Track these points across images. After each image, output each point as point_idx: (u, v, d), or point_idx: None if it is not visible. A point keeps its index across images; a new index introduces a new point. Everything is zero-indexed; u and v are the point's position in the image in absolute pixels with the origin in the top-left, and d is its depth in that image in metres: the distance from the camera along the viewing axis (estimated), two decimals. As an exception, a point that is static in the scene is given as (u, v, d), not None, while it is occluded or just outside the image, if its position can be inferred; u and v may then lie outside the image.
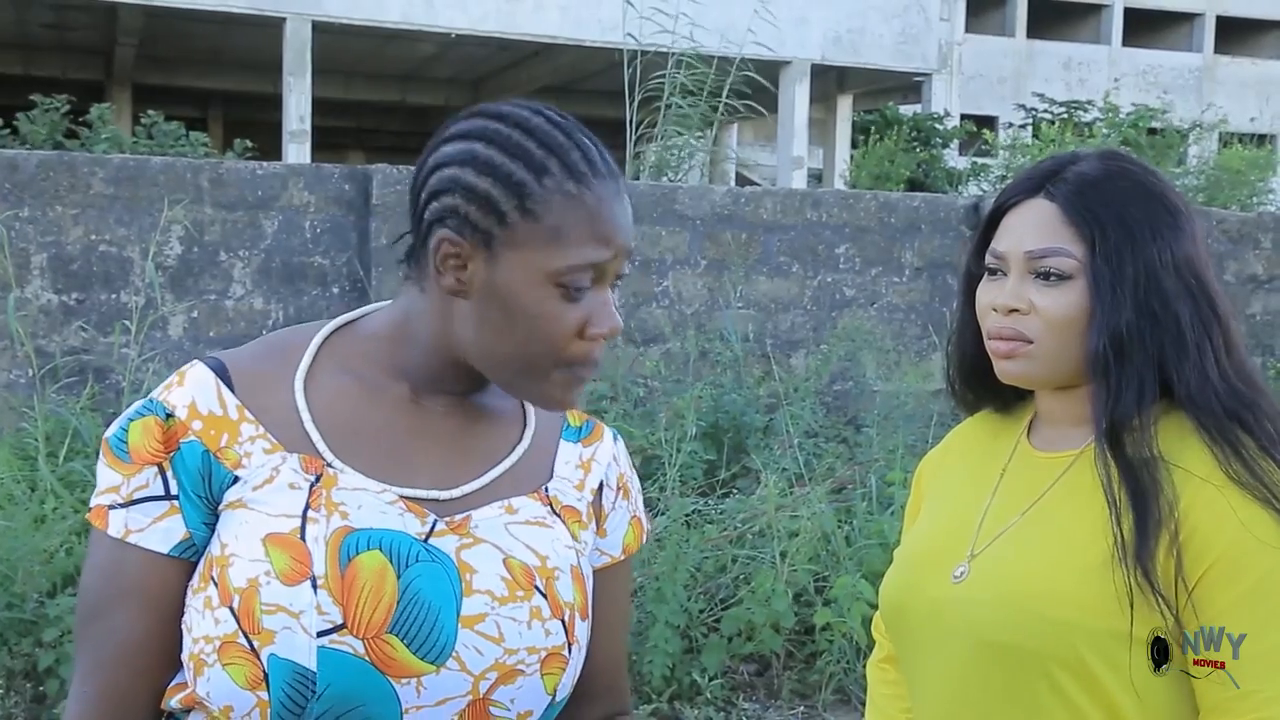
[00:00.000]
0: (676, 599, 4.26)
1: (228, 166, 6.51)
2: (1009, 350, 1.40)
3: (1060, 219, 1.38)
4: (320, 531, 1.11)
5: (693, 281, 7.23)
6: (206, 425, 1.15)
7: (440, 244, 1.15)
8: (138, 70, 18.52)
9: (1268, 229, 8.60)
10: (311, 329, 1.24)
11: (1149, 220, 1.37)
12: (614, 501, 1.33)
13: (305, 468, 1.15)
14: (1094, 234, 1.36)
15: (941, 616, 1.43)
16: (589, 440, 1.33)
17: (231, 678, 1.09)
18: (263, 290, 6.46)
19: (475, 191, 1.14)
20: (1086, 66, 26.26)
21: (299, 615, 1.08)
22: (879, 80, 18.57)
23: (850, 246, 7.60)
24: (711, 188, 7.55)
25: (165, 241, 6.25)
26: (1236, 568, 1.28)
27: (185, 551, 1.14)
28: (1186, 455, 1.34)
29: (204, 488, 1.14)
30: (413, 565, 1.13)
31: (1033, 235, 1.39)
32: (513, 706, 1.15)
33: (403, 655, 1.10)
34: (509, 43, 16.11)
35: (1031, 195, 1.41)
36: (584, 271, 1.14)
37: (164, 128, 10.28)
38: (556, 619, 1.18)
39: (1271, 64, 27.57)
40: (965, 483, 1.54)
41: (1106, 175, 1.40)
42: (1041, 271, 1.38)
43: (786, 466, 5.21)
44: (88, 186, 6.18)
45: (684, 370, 6.63)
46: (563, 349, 1.15)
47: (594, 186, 1.15)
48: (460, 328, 1.18)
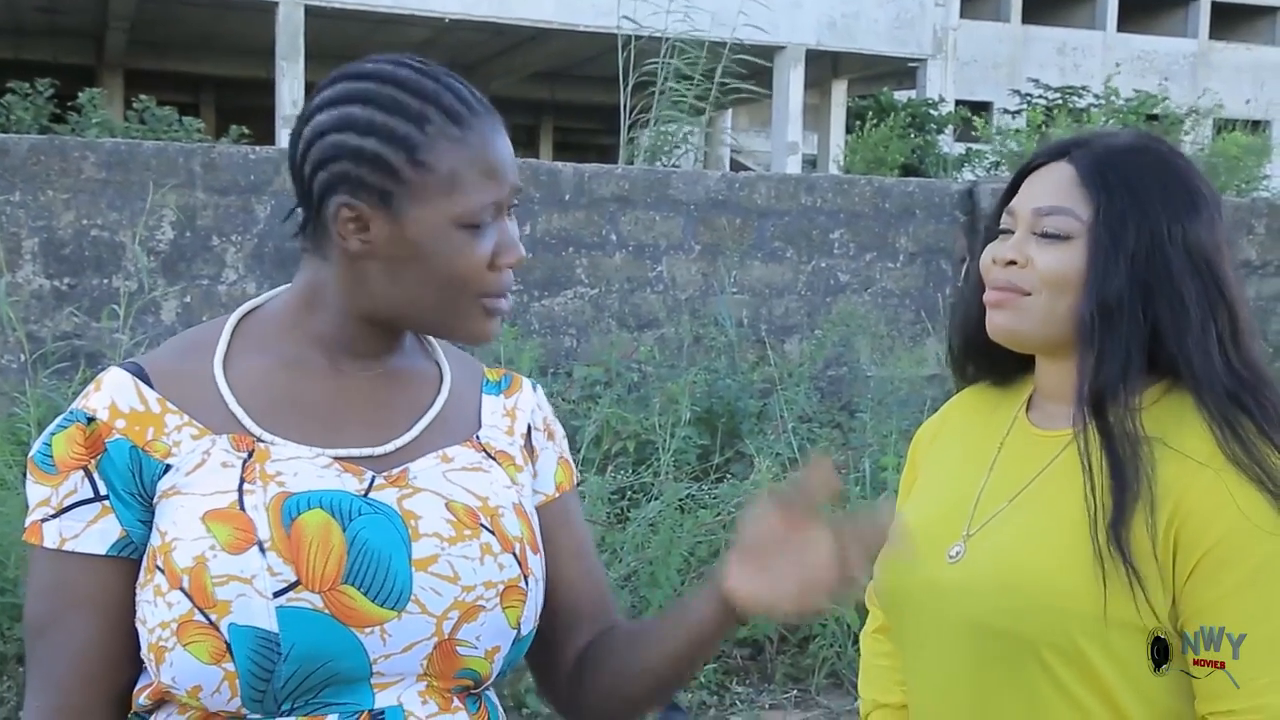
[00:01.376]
0: (670, 583, 4.26)
1: (220, 151, 6.48)
2: (999, 299, 1.40)
3: (1074, 180, 1.39)
4: (259, 500, 1.12)
5: (687, 267, 7.22)
6: (130, 422, 1.15)
7: (339, 210, 1.17)
8: (129, 55, 18.46)
9: (1261, 215, 8.61)
10: (220, 320, 1.26)
11: (1163, 195, 1.37)
12: (543, 443, 1.36)
13: (236, 446, 1.15)
14: (1101, 198, 1.36)
15: (936, 598, 1.42)
16: (509, 391, 1.36)
17: (194, 656, 1.08)
18: (255, 275, 6.44)
19: (363, 153, 1.16)
20: (1081, 52, 26.22)
21: (251, 580, 1.08)
22: (874, 65, 18.56)
23: (845, 232, 7.59)
24: (705, 173, 7.54)
25: (157, 226, 6.23)
26: (1233, 555, 1.26)
27: (124, 550, 1.14)
28: (1184, 436, 1.32)
29: (135, 484, 1.14)
30: (356, 519, 1.14)
31: (1044, 194, 1.40)
32: (479, 644, 1.17)
33: (362, 604, 1.11)
34: (503, 27, 16.09)
35: (1055, 159, 1.42)
36: (484, 210, 1.18)
37: (156, 113, 10.24)
38: (508, 552, 1.19)
39: (1266, 49, 27.55)
40: (962, 458, 1.52)
41: (1132, 148, 1.40)
42: (1044, 231, 1.38)
43: (780, 451, 5.21)
44: (79, 171, 6.15)
45: (678, 355, 6.62)
46: (479, 283, 1.19)
47: (475, 126, 1.18)
48: (374, 287, 1.19)
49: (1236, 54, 27.36)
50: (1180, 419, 1.34)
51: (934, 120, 16.93)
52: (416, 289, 1.18)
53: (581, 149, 22.05)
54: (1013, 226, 1.42)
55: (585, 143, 23.14)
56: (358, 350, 1.24)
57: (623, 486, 4.94)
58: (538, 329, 6.85)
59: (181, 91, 19.36)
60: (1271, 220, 8.58)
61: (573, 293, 7.00)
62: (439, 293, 1.18)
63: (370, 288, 1.20)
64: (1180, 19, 28.02)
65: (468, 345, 1.25)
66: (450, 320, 1.21)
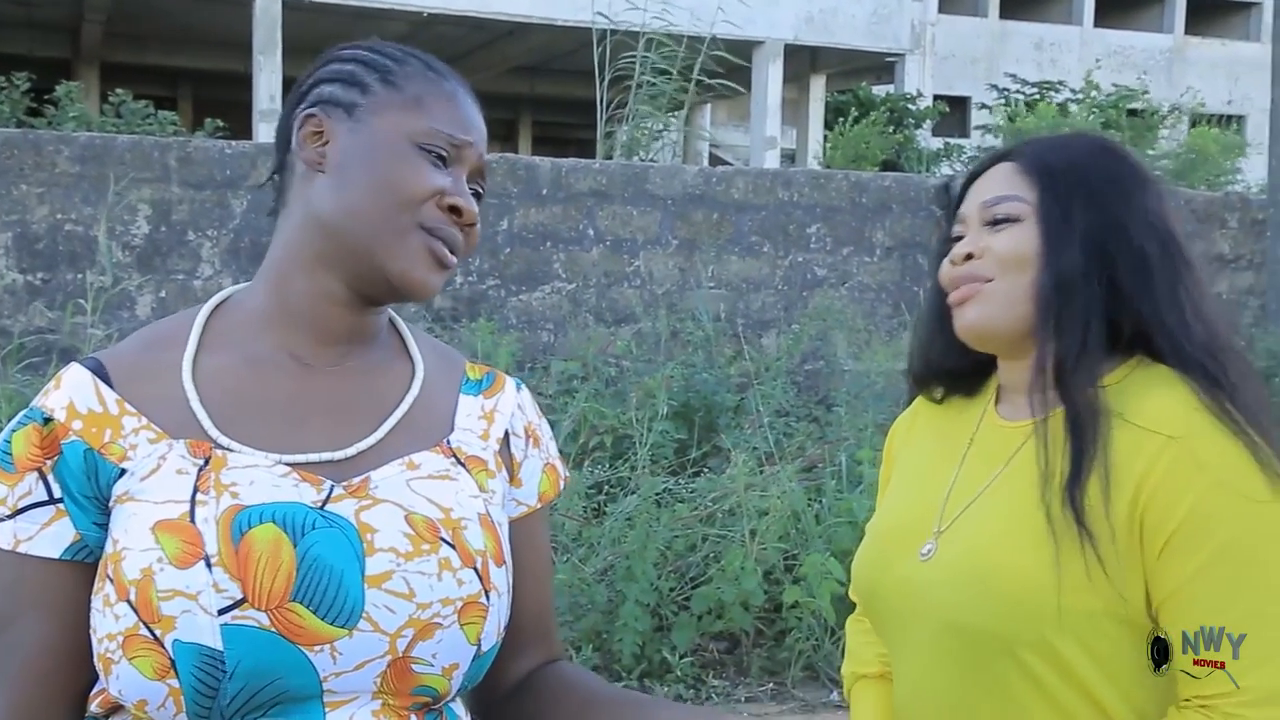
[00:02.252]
0: (647, 577, 4.27)
1: (195, 145, 6.46)
2: (964, 294, 1.40)
3: (1016, 171, 1.41)
4: (210, 513, 1.09)
5: (664, 261, 7.23)
6: (87, 424, 1.13)
7: (304, 122, 1.19)
8: (105, 48, 18.35)
9: (1234, 209, 8.66)
10: (190, 314, 1.23)
11: (1107, 174, 1.38)
12: (525, 450, 1.32)
13: (192, 452, 1.13)
14: (1044, 180, 1.38)
15: (910, 596, 1.41)
16: (490, 392, 1.31)
17: (139, 670, 1.06)
18: (231, 270, 6.42)
19: (338, 75, 1.21)
20: (1058, 47, 26.32)
21: (196, 596, 1.05)
22: (852, 60, 18.59)
23: (821, 226, 7.61)
24: (683, 167, 7.54)
25: (132, 220, 6.21)
26: (1206, 525, 1.24)
27: (79, 554, 1.12)
28: (1147, 410, 1.30)
29: (91, 487, 1.12)
30: (309, 533, 1.10)
31: (988, 187, 1.42)
32: (435, 661, 1.13)
33: (310, 622, 1.07)
34: (482, 22, 16.04)
35: (995, 163, 1.45)
36: (442, 138, 1.18)
37: (132, 107, 10.18)
38: (469, 568, 1.15)
39: (1240, 45, 27.69)
40: (934, 453, 1.52)
41: (1070, 139, 1.44)
42: (994, 219, 1.39)
43: (757, 445, 5.23)
44: (53, 165, 6.12)
45: (655, 350, 6.63)
46: (419, 206, 1.17)
47: (451, 81, 1.23)
48: (323, 204, 1.18)
49: (1212, 49, 27.50)
50: (1145, 393, 1.32)
51: (912, 115, 16.98)
52: (358, 195, 1.16)
53: (560, 143, 22.02)
54: (964, 230, 1.43)
55: (564, 137, 23.10)
56: (326, 331, 1.21)
57: (599, 481, 4.94)
58: (515, 324, 6.84)
59: (158, 85, 19.25)
60: (1243, 214, 8.64)
61: (550, 287, 7.00)
62: (377, 201, 1.16)
63: (319, 207, 1.18)
64: (1156, 14, 28.15)
65: (409, 295, 1.19)
66: (387, 243, 1.16)
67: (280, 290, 1.21)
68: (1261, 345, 7.87)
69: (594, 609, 4.34)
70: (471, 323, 6.21)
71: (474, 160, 1.22)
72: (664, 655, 4.34)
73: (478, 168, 1.23)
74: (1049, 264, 1.35)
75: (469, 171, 1.22)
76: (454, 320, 6.54)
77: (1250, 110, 25.40)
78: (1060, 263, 1.34)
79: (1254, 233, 8.59)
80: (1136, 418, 1.30)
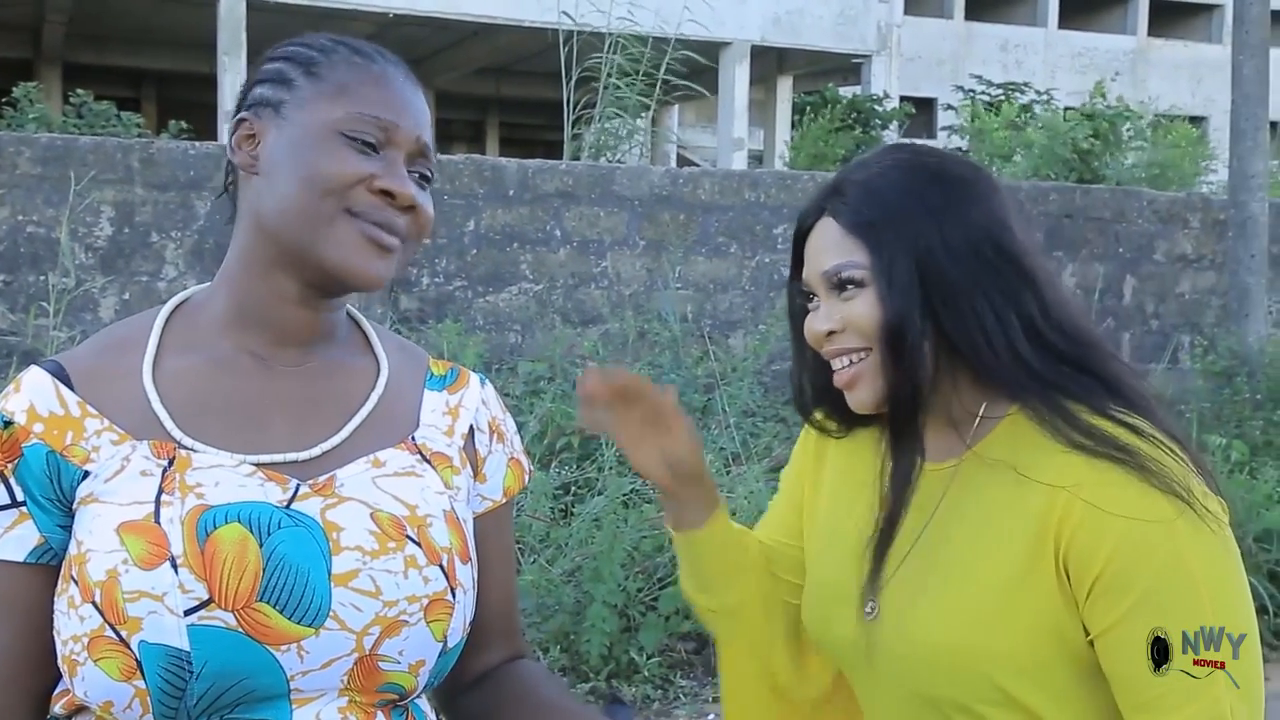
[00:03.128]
0: (614, 578, 4.28)
1: (159, 146, 6.41)
2: (850, 377, 1.39)
3: (841, 233, 1.38)
4: (175, 513, 1.09)
5: (631, 262, 7.23)
6: (48, 426, 1.12)
7: (237, 126, 1.20)
8: (68, 48, 18.18)
9: (1196, 209, 8.75)
10: (149, 315, 1.23)
11: (920, 205, 1.35)
12: (489, 445, 1.32)
13: (156, 453, 1.13)
14: (868, 239, 1.36)
15: (863, 657, 1.41)
16: (454, 387, 1.32)
17: (105, 672, 1.06)
18: (196, 272, 6.38)
19: (268, 75, 1.21)
20: (1023, 48, 26.49)
21: (163, 597, 1.06)
22: (819, 61, 18.66)
23: (788, 227, 7.63)
24: (649, 168, 7.55)
25: (95, 222, 6.16)
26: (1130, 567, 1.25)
27: (43, 557, 1.12)
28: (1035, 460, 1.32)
29: (53, 490, 1.12)
30: (275, 532, 1.10)
31: (824, 256, 1.39)
32: (402, 658, 1.14)
33: (277, 622, 1.08)
34: (448, 22, 16.01)
35: (819, 216, 1.41)
36: (368, 123, 1.16)
37: (95, 108, 10.10)
38: (434, 565, 1.16)
39: (1202, 46, 27.95)
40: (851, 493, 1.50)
41: (880, 173, 1.39)
42: (838, 285, 1.38)
43: (724, 446, 5.24)
44: (14, 166, 6.07)
45: (622, 351, 6.63)
46: (344, 193, 1.15)
47: (381, 63, 1.21)
48: (259, 207, 1.18)
49: (1175, 51, 27.75)
50: (1031, 440, 1.33)
51: (879, 116, 17.05)
52: (287, 191, 1.15)
53: (528, 144, 21.98)
54: (815, 294, 1.42)
55: (531, 138, 23.06)
56: (285, 331, 1.21)
57: (567, 482, 4.95)
58: (482, 324, 6.83)
59: (122, 86, 19.10)
60: (1205, 215, 8.72)
61: (517, 288, 6.99)
62: (303, 195, 1.14)
63: (258, 209, 1.18)
64: (1120, 16, 28.38)
65: (355, 284, 1.18)
66: (319, 235, 1.15)
67: (236, 293, 1.22)
68: (1223, 345, 7.96)
69: (561, 610, 4.34)
70: (438, 324, 6.20)
71: (410, 142, 1.19)
72: (632, 656, 4.35)
73: (416, 149, 1.20)
74: (884, 313, 1.34)
75: (406, 154, 1.19)
76: (420, 321, 6.52)
77: (1212, 112, 25.64)
78: (888, 318, 1.34)
79: (1215, 233, 8.67)
80: (1028, 469, 1.32)
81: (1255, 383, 7.48)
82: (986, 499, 1.35)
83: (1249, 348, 7.95)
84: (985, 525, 1.34)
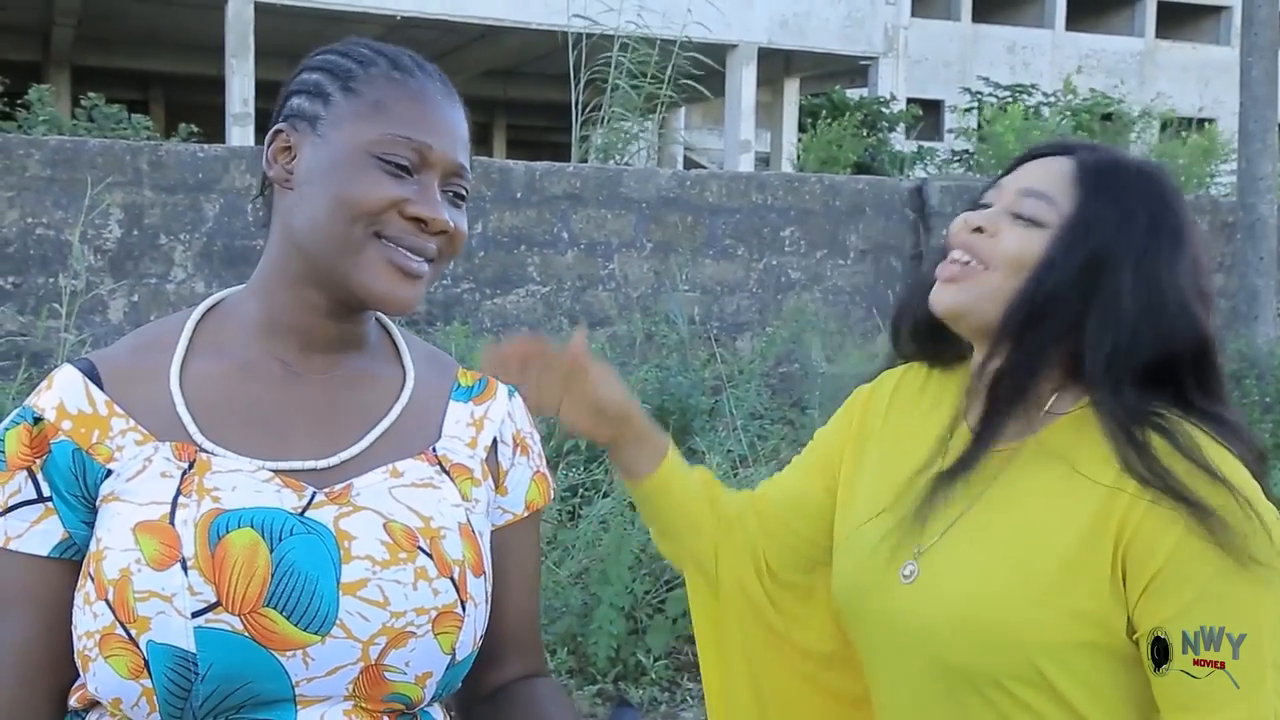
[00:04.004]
0: (621, 581, 4.27)
1: (167, 149, 6.43)
2: (953, 273, 1.38)
3: (1068, 173, 1.36)
4: (190, 515, 1.10)
5: (639, 264, 7.24)
6: (76, 424, 1.14)
7: (274, 138, 1.19)
8: (77, 51, 18.23)
9: (1204, 211, 8.74)
10: (182, 317, 1.24)
11: (1149, 221, 1.34)
12: (512, 458, 1.31)
13: (177, 455, 1.14)
14: (1086, 197, 1.34)
15: (895, 627, 1.41)
16: (481, 398, 1.31)
17: (114, 669, 1.08)
18: (204, 274, 6.39)
19: (305, 85, 1.20)
20: (1030, 50, 26.46)
21: (171, 598, 1.07)
22: (826, 64, 18.64)
23: (795, 229, 7.63)
24: (657, 171, 7.56)
25: (104, 224, 6.18)
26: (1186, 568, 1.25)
27: (66, 552, 1.14)
28: (1093, 459, 1.32)
29: (79, 486, 1.14)
30: (287, 539, 1.11)
31: (1034, 177, 1.38)
32: (408, 669, 1.14)
33: (283, 628, 1.09)
34: (455, 25, 16.03)
35: (1063, 153, 1.40)
36: (401, 145, 1.15)
37: (104, 110, 10.12)
38: (445, 577, 1.15)
39: (1210, 48, 27.91)
40: (905, 455, 1.49)
41: (1139, 168, 1.38)
42: (1019, 211, 1.36)
43: (731, 448, 5.24)
44: (23, 169, 6.08)
45: (630, 353, 6.63)
46: (374, 217, 1.14)
47: (420, 78, 1.19)
48: (291, 222, 1.18)
49: (1182, 53, 27.70)
50: (1093, 439, 1.33)
51: (886, 118, 17.04)
52: (318, 212, 1.15)
53: (535, 147, 22.00)
54: (993, 200, 1.40)
55: (539, 140, 23.08)
56: (313, 340, 1.22)
57: (574, 484, 4.94)
58: (489, 327, 6.84)
59: (130, 88, 19.15)
60: (1214, 217, 8.71)
61: (524, 291, 7.00)
62: (331, 216, 1.14)
63: (290, 223, 1.18)
64: (1127, 18, 28.34)
65: (380, 308, 1.18)
66: (347, 259, 1.15)
67: (267, 302, 1.22)
68: (1232, 347, 7.94)
69: (569, 612, 4.34)
70: (446, 326, 6.21)
71: (445, 163, 1.18)
72: (639, 658, 4.34)
73: (451, 168, 1.19)
74: (1034, 281, 1.33)
75: (441, 174, 1.18)
76: (429, 324, 6.53)
77: (1221, 114, 25.60)
78: (1043, 285, 1.32)
79: (1224, 235, 8.66)
80: (1087, 469, 1.32)
81: (1264, 385, 7.47)
82: (1040, 486, 1.35)
83: (1258, 350, 7.93)
84: (1039, 511, 1.34)
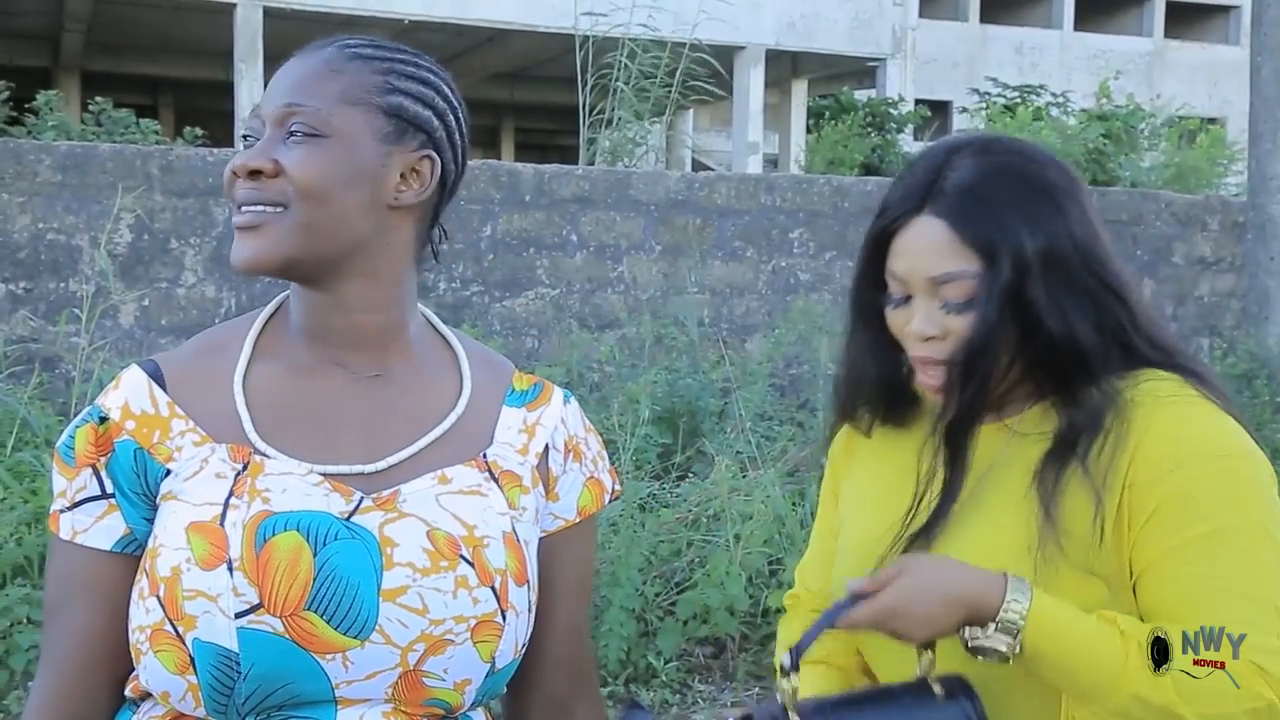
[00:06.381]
0: (631, 583, 4.27)
1: (178, 153, 6.45)
2: (934, 381, 1.40)
3: (952, 239, 1.35)
4: (240, 517, 1.13)
5: (648, 267, 7.24)
6: (139, 424, 1.18)
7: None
8: (86, 57, 18.28)
9: (1215, 211, 8.72)
10: (248, 320, 1.27)
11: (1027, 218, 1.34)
12: (564, 464, 1.31)
13: (233, 457, 1.17)
14: (983, 250, 1.33)
15: None
16: (535, 404, 1.32)
17: (163, 664, 1.12)
18: (215, 278, 6.41)
19: None
20: (1038, 51, 26.41)
21: (217, 598, 1.10)
22: (834, 65, 18.63)
23: (804, 231, 7.63)
24: (666, 173, 7.56)
25: (115, 229, 6.19)
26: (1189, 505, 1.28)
27: (128, 547, 1.18)
28: None
29: (140, 484, 1.18)
30: (331, 543, 1.13)
31: (930, 260, 1.36)
32: (447, 676, 1.16)
33: (324, 631, 1.11)
34: (463, 28, 16.04)
35: (917, 213, 1.36)
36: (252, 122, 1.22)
37: (114, 115, 10.14)
38: (486, 586, 1.17)
39: (1219, 48, 27.84)
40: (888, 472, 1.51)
41: (986, 178, 1.36)
42: (946, 300, 1.35)
43: (740, 450, 5.24)
44: (34, 174, 6.11)
45: (639, 355, 6.64)
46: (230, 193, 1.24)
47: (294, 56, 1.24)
48: None
49: (1191, 53, 27.63)
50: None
51: (894, 119, 17.02)
52: None
53: (543, 149, 22.02)
54: (906, 291, 1.39)
55: (546, 143, 23.09)
56: (341, 337, 1.23)
57: (584, 486, 4.94)
58: (499, 330, 6.85)
59: (139, 93, 19.18)
60: (1224, 217, 8.69)
61: (534, 293, 7.00)
62: None
63: None
64: (1136, 18, 28.27)
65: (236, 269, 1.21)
66: None
67: (294, 304, 1.26)
68: (1243, 347, 7.92)
69: (579, 614, 4.34)
70: (455, 329, 6.21)
71: (273, 110, 1.19)
72: (649, 660, 4.35)
73: (278, 115, 1.18)
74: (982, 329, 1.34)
75: (274, 123, 1.18)
76: (438, 327, 6.53)
77: (1230, 114, 25.55)
78: (987, 327, 1.34)
79: (1234, 235, 8.64)
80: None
81: (1275, 385, 7.45)
82: (1020, 460, 1.38)
83: (1268, 350, 7.92)
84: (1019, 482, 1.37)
